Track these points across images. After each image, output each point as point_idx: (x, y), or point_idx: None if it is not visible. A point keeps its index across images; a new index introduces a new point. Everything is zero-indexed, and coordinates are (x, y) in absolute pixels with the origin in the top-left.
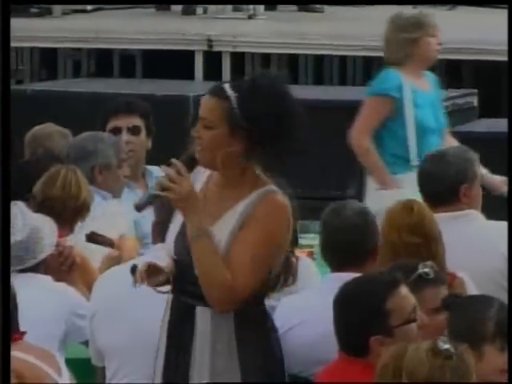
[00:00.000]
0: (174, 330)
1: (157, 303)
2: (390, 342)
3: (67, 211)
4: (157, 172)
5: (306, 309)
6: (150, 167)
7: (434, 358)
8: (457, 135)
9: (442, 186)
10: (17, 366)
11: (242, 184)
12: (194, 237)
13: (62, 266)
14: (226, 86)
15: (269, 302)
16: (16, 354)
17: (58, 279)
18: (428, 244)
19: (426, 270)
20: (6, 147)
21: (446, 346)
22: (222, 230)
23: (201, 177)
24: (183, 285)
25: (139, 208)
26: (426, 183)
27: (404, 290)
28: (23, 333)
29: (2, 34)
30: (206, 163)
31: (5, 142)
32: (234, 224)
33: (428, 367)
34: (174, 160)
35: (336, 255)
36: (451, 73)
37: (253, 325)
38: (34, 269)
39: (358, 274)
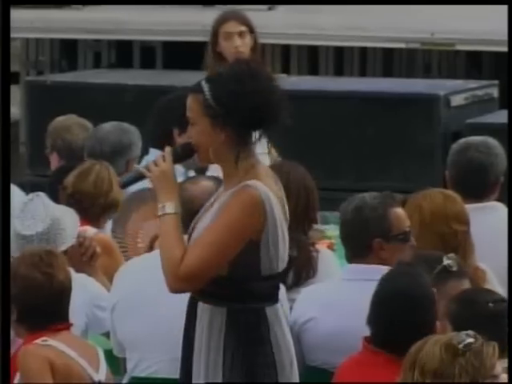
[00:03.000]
0: (185, 324)
1: (177, 294)
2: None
3: (96, 207)
4: None
5: (325, 300)
6: None
7: (446, 353)
8: (477, 126)
9: (491, 177)
10: (49, 353)
11: (234, 179)
12: (159, 214)
13: (83, 257)
14: (202, 81)
15: (289, 296)
16: (52, 342)
17: (78, 270)
18: (469, 231)
19: (450, 262)
20: (6, 143)
21: (464, 342)
22: (203, 223)
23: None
24: None
25: (124, 185)
26: (478, 173)
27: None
28: (69, 324)
29: (2, 31)
30: (204, 159)
31: (5, 138)
32: (211, 216)
33: (438, 361)
34: (167, 148)
35: (345, 248)
36: (471, 64)
37: (243, 326)
38: None
39: (373, 266)
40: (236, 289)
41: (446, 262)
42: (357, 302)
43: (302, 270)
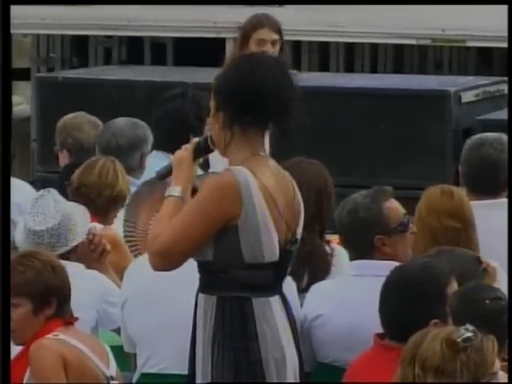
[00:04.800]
0: (193, 318)
1: (188, 290)
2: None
3: (101, 199)
4: None
5: (334, 297)
6: None
7: (447, 349)
8: (488, 123)
9: (504, 174)
10: (62, 348)
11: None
12: (165, 196)
13: (93, 254)
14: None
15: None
16: (64, 337)
17: (89, 267)
18: (467, 229)
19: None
20: (6, 140)
21: (463, 337)
22: None
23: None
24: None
25: (160, 177)
26: (491, 170)
27: (455, 279)
28: (75, 318)
29: (3, 28)
30: (217, 146)
31: (5, 135)
32: None
33: (439, 358)
34: (194, 139)
35: (348, 251)
36: (482, 60)
37: (228, 317)
38: (66, 256)
39: (378, 262)
40: (222, 276)
41: (485, 263)
42: (365, 298)
43: (317, 270)
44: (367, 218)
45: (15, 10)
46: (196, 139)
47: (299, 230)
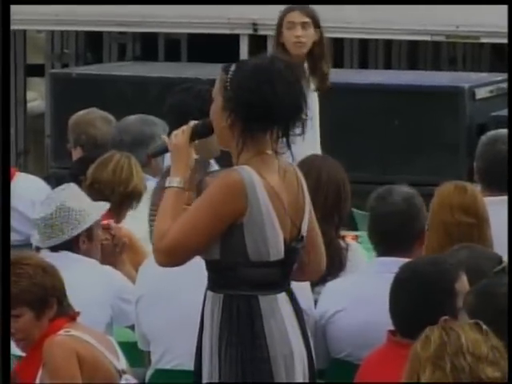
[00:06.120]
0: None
1: (201, 287)
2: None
3: (115, 196)
4: None
5: (352, 293)
6: None
7: (482, 335)
8: (501, 119)
9: None
10: (75, 344)
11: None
12: (165, 187)
13: (116, 249)
14: (236, 62)
15: (317, 289)
16: (75, 332)
17: (109, 262)
18: (481, 225)
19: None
20: (6, 140)
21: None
22: None
23: None
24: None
25: (152, 155)
26: (505, 165)
27: (464, 274)
28: (77, 312)
29: (2, 27)
30: (218, 139)
31: (5, 134)
32: None
33: (485, 345)
34: (190, 122)
35: (383, 241)
36: (496, 57)
37: (235, 315)
38: (69, 247)
39: (403, 259)
40: (229, 274)
41: (505, 262)
42: (383, 295)
43: (330, 265)
44: (422, 207)
45: (29, 7)
46: (193, 122)
47: (304, 227)
